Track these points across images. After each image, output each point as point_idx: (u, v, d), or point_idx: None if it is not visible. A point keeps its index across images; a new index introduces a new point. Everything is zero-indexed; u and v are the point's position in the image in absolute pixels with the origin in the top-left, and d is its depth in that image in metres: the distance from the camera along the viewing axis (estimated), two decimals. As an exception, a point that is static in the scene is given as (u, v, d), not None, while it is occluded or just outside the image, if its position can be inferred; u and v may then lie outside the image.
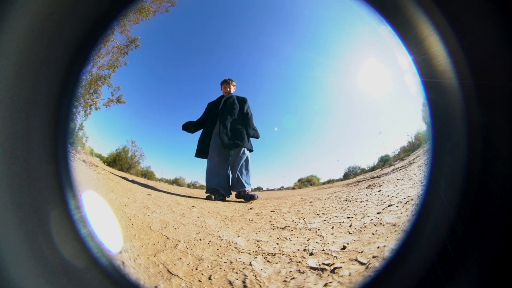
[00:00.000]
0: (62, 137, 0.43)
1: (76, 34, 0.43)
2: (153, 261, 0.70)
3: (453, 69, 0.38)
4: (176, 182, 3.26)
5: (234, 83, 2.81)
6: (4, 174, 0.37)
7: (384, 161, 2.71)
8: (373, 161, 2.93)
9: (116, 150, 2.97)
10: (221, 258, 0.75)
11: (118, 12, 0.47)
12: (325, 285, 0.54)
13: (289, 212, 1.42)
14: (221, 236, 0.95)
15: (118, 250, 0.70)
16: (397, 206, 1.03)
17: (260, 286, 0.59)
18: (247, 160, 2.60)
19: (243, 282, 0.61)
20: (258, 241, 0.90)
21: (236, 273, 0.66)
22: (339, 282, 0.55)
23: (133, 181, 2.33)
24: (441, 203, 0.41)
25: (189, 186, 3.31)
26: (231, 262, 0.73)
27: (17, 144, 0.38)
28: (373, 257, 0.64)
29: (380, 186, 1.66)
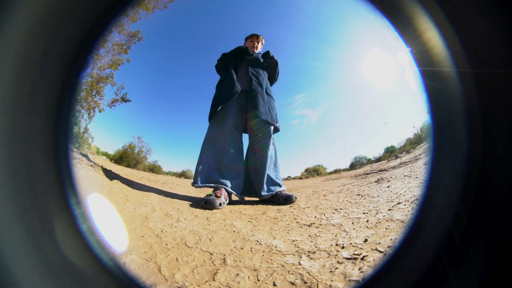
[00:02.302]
0: (63, 136, 0.43)
1: (77, 32, 0.43)
2: (214, 286, 0.67)
3: (452, 60, 0.39)
4: (183, 174, 3.19)
5: (263, 41, 2.06)
6: (6, 173, 0.37)
7: (390, 152, 2.82)
8: (379, 151, 3.01)
9: (123, 147, 2.90)
10: (273, 264, 0.80)
11: (119, 9, 0.47)
12: (360, 269, 0.75)
13: (308, 207, 1.54)
14: (259, 241, 0.99)
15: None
16: (404, 204, 1.24)
17: (316, 279, 0.70)
18: (275, 148, 1.81)
19: (302, 279, 0.70)
20: (293, 241, 1.00)
21: (292, 274, 0.74)
22: (368, 266, 0.76)
23: (136, 184, 2.01)
24: (446, 194, 0.42)
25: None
26: (283, 265, 0.79)
27: (19, 143, 0.38)
28: (388, 247, 0.86)
29: (388, 181, 1.86)
